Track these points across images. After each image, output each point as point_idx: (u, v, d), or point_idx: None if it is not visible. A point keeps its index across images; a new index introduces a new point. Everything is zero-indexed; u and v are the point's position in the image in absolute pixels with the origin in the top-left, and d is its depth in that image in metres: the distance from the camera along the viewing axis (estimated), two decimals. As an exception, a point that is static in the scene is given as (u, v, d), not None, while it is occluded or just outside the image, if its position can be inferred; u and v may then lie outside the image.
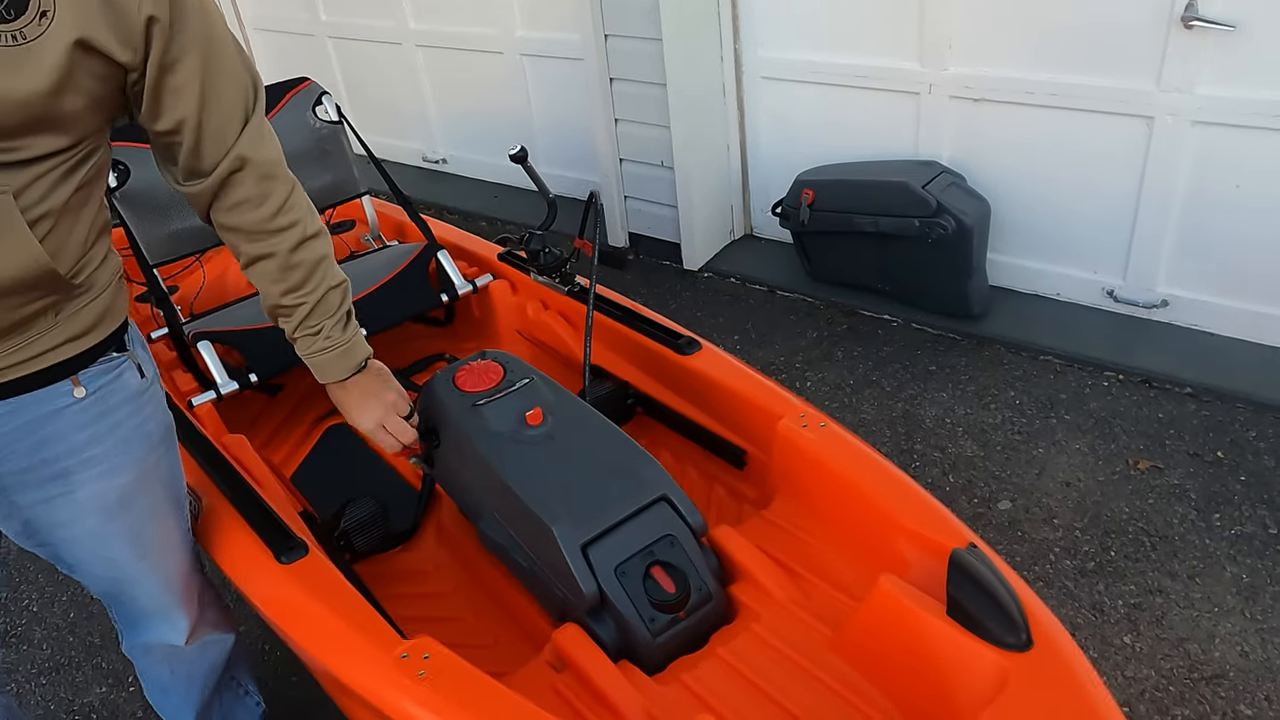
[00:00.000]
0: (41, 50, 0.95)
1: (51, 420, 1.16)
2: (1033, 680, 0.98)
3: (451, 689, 1.08)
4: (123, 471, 1.24)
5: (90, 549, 1.29)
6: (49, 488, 1.20)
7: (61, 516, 1.24)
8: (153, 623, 1.44)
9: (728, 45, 3.12)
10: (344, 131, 2.51)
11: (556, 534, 1.27)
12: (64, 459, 1.19)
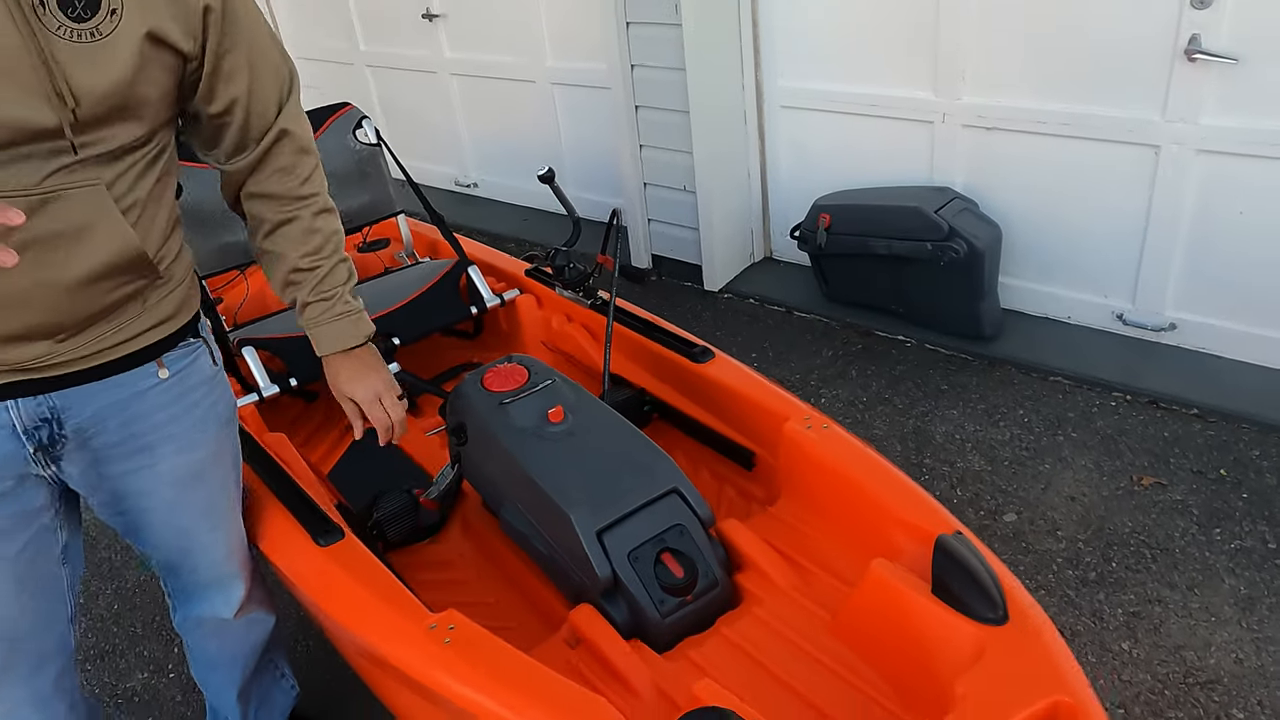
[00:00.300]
0: (116, 44, 1.08)
1: (139, 399, 1.28)
2: (1006, 650, 1.06)
3: (475, 654, 1.18)
4: (198, 448, 1.36)
5: (164, 518, 1.41)
6: (135, 460, 1.32)
7: (143, 487, 1.36)
8: (207, 594, 1.55)
9: (749, 75, 3.25)
10: (382, 154, 2.65)
11: (574, 521, 1.37)
12: (148, 434, 1.31)
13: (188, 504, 1.40)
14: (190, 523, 1.42)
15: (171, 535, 1.44)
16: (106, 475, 1.33)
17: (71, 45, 1.05)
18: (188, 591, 1.58)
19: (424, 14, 4.15)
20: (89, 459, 1.29)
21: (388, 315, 2.29)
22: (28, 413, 1.21)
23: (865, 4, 2.93)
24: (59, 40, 1.04)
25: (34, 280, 1.10)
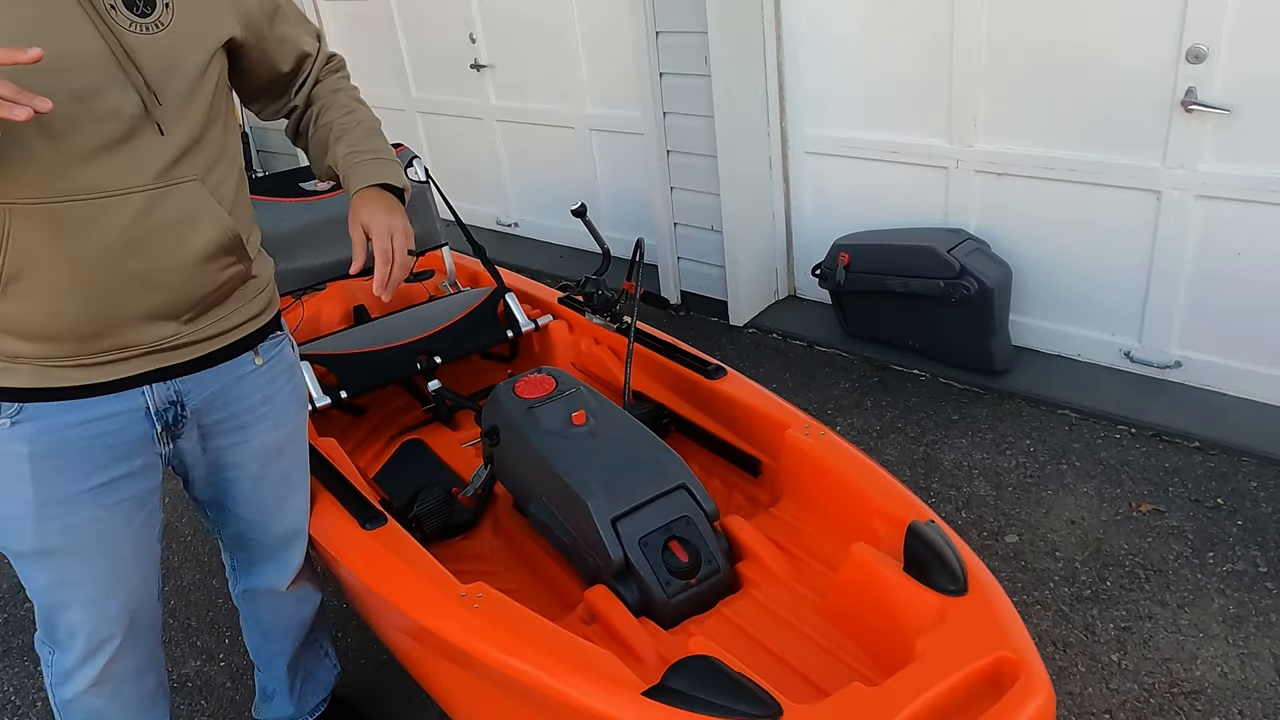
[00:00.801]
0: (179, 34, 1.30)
1: (240, 383, 1.50)
2: (963, 616, 1.19)
3: (501, 618, 1.34)
4: (283, 425, 1.58)
5: (249, 489, 1.61)
6: (233, 436, 1.53)
7: (236, 459, 1.56)
8: (266, 566, 1.73)
9: (774, 123, 3.45)
10: (430, 191, 2.87)
11: (591, 509, 1.53)
12: (245, 414, 1.52)
13: (269, 475, 1.60)
14: (268, 492, 1.62)
15: (251, 504, 1.63)
16: (209, 449, 1.53)
17: (139, 38, 1.26)
18: (251, 562, 1.76)
19: (472, 64, 4.43)
20: (198, 435, 1.50)
21: (430, 337, 2.49)
22: (160, 396, 1.42)
23: (883, 56, 3.12)
24: (130, 35, 1.25)
25: (160, 264, 1.31)
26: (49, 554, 1.42)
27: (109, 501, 1.43)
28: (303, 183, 2.69)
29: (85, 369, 1.35)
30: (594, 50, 3.91)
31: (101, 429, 1.39)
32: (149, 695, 1.67)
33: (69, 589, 1.46)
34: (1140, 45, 2.60)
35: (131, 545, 1.48)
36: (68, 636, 1.52)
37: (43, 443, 1.36)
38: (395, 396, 2.71)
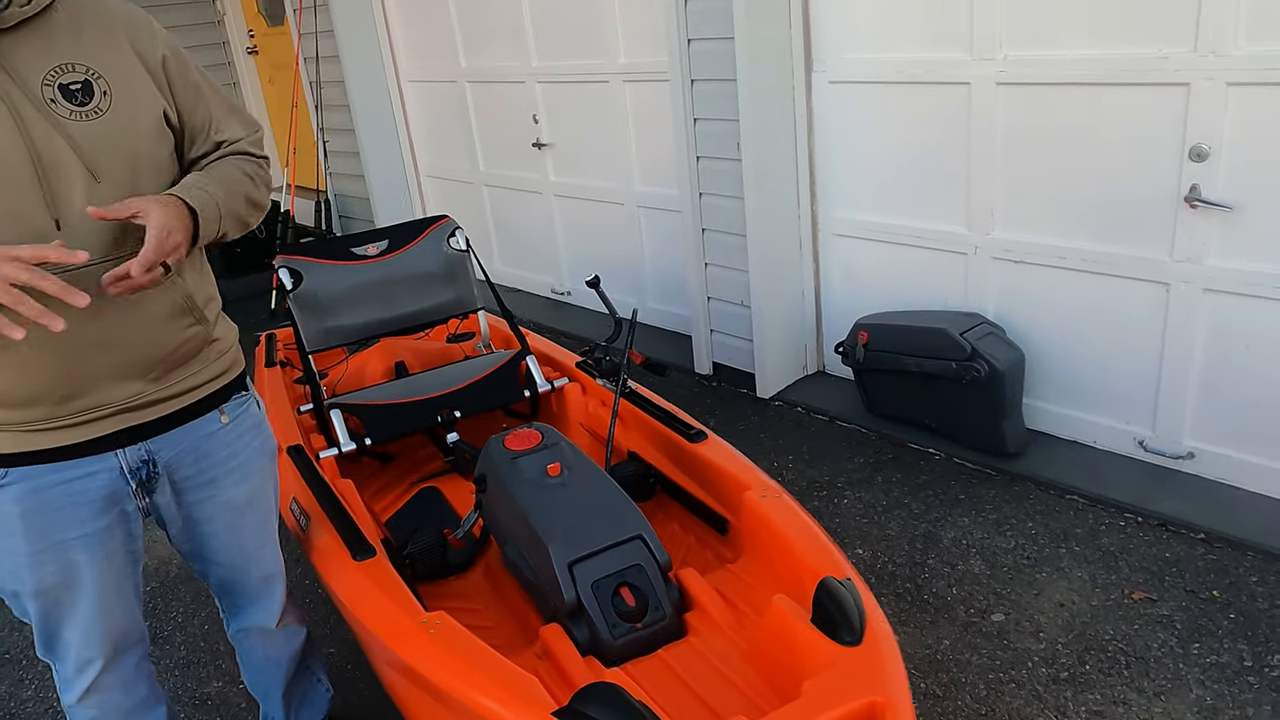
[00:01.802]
0: (117, 118, 1.45)
1: (207, 440, 1.67)
2: (851, 664, 1.29)
3: (451, 642, 1.49)
4: (250, 478, 1.74)
5: (225, 540, 1.77)
6: (204, 491, 1.69)
7: (210, 513, 1.72)
8: (254, 607, 1.90)
9: (805, 205, 3.61)
10: (470, 259, 3.10)
11: (551, 551, 1.68)
12: (213, 469, 1.68)
13: (243, 525, 1.76)
14: (244, 541, 1.78)
15: (230, 554, 1.79)
16: (183, 504, 1.69)
17: (81, 125, 1.41)
18: (238, 606, 1.93)
19: (534, 143, 4.73)
20: (171, 491, 1.67)
21: (453, 393, 2.69)
22: (133, 457, 1.59)
23: (908, 148, 3.27)
24: (72, 123, 1.40)
25: (121, 326, 1.48)
26: (44, 593, 1.60)
27: (93, 546, 1.59)
28: (353, 247, 2.95)
29: (61, 431, 1.52)
30: (643, 133, 4.16)
31: (82, 486, 1.56)
32: (141, 702, 1.83)
33: (61, 619, 1.64)
34: (1146, 143, 2.69)
35: (114, 583, 1.65)
36: (62, 653, 1.70)
37: (30, 501, 1.53)
38: (422, 447, 2.91)
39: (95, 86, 1.47)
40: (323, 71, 5.51)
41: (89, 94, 1.46)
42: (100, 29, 1.52)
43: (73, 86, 1.45)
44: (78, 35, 1.49)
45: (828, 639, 1.35)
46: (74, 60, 1.46)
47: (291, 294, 2.80)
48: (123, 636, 1.71)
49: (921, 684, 2.25)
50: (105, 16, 1.54)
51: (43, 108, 1.41)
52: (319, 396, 2.69)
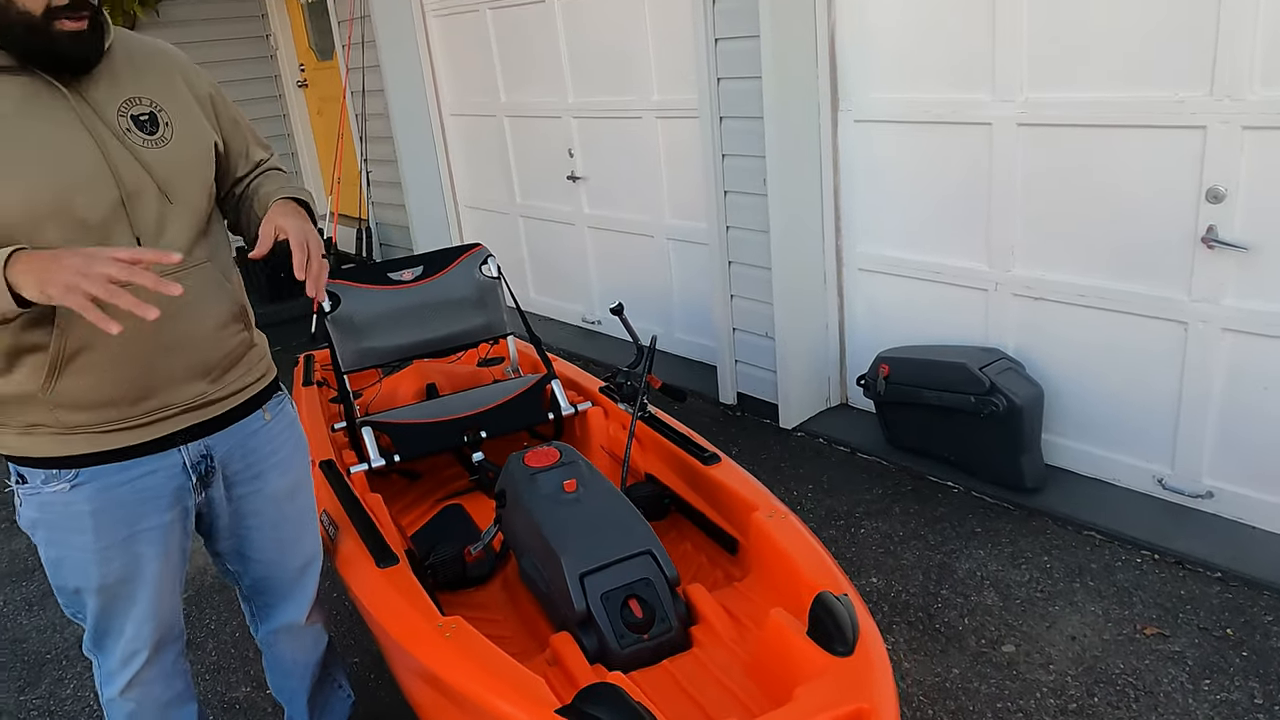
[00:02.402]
0: (181, 146, 1.62)
1: (253, 437, 1.80)
2: (841, 673, 1.34)
3: (464, 645, 1.57)
4: (291, 472, 1.87)
5: (266, 534, 1.89)
6: (252, 484, 1.82)
7: (256, 507, 1.85)
8: (286, 603, 2.00)
9: (830, 240, 3.68)
10: (500, 286, 3.21)
11: (563, 562, 1.75)
12: (259, 464, 1.82)
13: (285, 516, 1.88)
14: (284, 533, 1.90)
15: (269, 548, 1.90)
16: (233, 498, 1.82)
17: (152, 152, 1.58)
18: (270, 605, 2.02)
19: (569, 176, 4.87)
20: (224, 485, 1.80)
21: (481, 414, 2.78)
22: (193, 452, 1.72)
23: (931, 186, 3.33)
24: (143, 150, 1.58)
25: (187, 332, 1.63)
26: (106, 588, 1.71)
27: (157, 540, 1.71)
28: (390, 273, 3.07)
29: (131, 431, 1.64)
30: (673, 168, 4.26)
31: (149, 483, 1.68)
32: (176, 697, 1.93)
33: (117, 613, 1.74)
34: (1164, 184, 2.74)
35: (169, 577, 1.77)
36: (112, 647, 1.80)
37: (101, 499, 1.64)
38: (448, 466, 3.00)
39: (159, 118, 1.62)
40: (368, 104, 5.71)
41: (155, 124, 1.61)
42: (156, 67, 1.68)
43: (141, 117, 1.60)
44: (138, 72, 1.64)
45: (821, 650, 1.40)
46: (139, 94, 1.62)
47: (329, 316, 2.92)
48: (168, 630, 1.82)
49: (929, 711, 2.28)
50: (157, 56, 1.71)
51: (121, 136, 1.56)
52: (352, 414, 2.80)
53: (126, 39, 1.67)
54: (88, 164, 1.53)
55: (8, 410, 1.61)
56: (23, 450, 1.63)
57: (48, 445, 1.62)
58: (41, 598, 3.20)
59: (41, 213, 1.49)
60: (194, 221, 1.67)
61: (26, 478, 1.65)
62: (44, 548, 1.70)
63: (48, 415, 1.60)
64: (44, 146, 1.50)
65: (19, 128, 1.49)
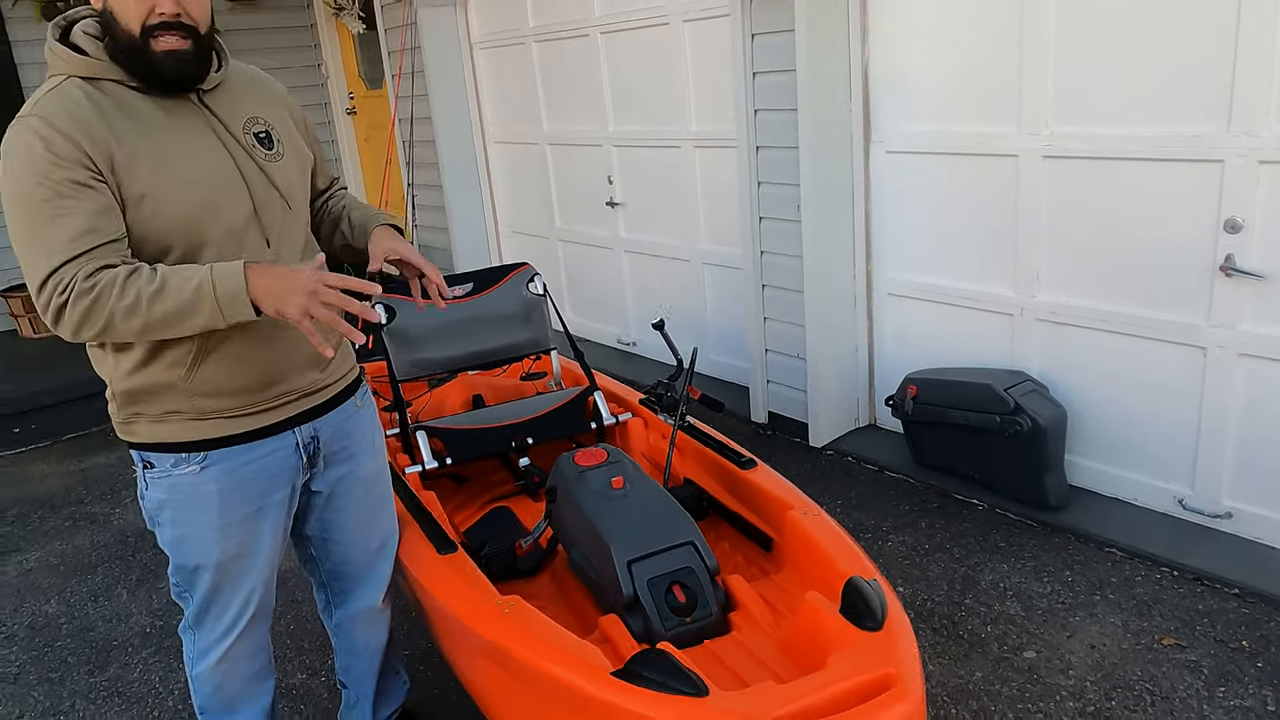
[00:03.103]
0: (289, 161, 1.83)
1: (348, 421, 1.99)
2: (870, 644, 1.47)
3: (523, 619, 1.71)
4: (376, 455, 2.06)
5: (352, 515, 2.05)
6: (345, 465, 2.00)
7: (348, 488, 2.01)
8: (364, 586, 2.15)
9: (860, 266, 3.83)
10: (546, 303, 3.38)
11: (613, 550, 1.89)
12: (353, 446, 2.00)
13: (370, 497, 2.06)
14: (369, 514, 2.07)
15: (352, 529, 2.07)
16: (329, 478, 1.99)
17: (273, 165, 1.80)
18: (347, 590, 2.19)
19: (608, 202, 5.06)
20: (325, 464, 1.97)
21: (528, 422, 2.94)
22: (305, 434, 1.91)
23: (959, 214, 3.47)
24: (267, 164, 1.79)
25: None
26: (223, 564, 1.87)
27: (272, 515, 1.89)
28: (441, 288, 3.24)
29: (257, 415, 1.83)
30: (710, 195, 4.44)
31: (268, 463, 1.86)
32: (259, 670, 2.10)
33: (225, 588, 1.90)
34: (1183, 215, 2.87)
35: (274, 552, 1.94)
36: (212, 623, 1.95)
37: (227, 480, 1.81)
38: (494, 472, 3.16)
39: (272, 135, 1.83)
40: (416, 131, 5.95)
41: (271, 141, 1.82)
42: (261, 91, 1.89)
43: (261, 135, 1.81)
44: (249, 95, 1.84)
45: (852, 626, 1.53)
46: (255, 114, 1.83)
47: (385, 328, 3.10)
48: (264, 603, 1.98)
49: (952, 710, 2.38)
50: (260, 82, 1.92)
51: (250, 150, 1.77)
52: (405, 420, 2.97)
53: (238, 67, 1.87)
54: (226, 173, 1.73)
55: (146, 400, 1.77)
56: (154, 437, 1.80)
57: (180, 431, 1.79)
58: (107, 589, 3.38)
59: (194, 217, 1.68)
60: (305, 226, 1.90)
61: (154, 463, 1.81)
62: (168, 528, 1.86)
63: (185, 402, 1.76)
64: (192, 156, 1.69)
65: (169, 137, 1.68)
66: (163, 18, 1.61)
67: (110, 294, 1.54)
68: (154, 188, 1.64)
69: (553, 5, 5.02)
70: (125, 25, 1.62)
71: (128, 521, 3.91)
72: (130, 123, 1.65)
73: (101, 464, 4.57)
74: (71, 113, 1.61)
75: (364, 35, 6.63)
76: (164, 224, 1.65)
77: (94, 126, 1.61)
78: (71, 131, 1.59)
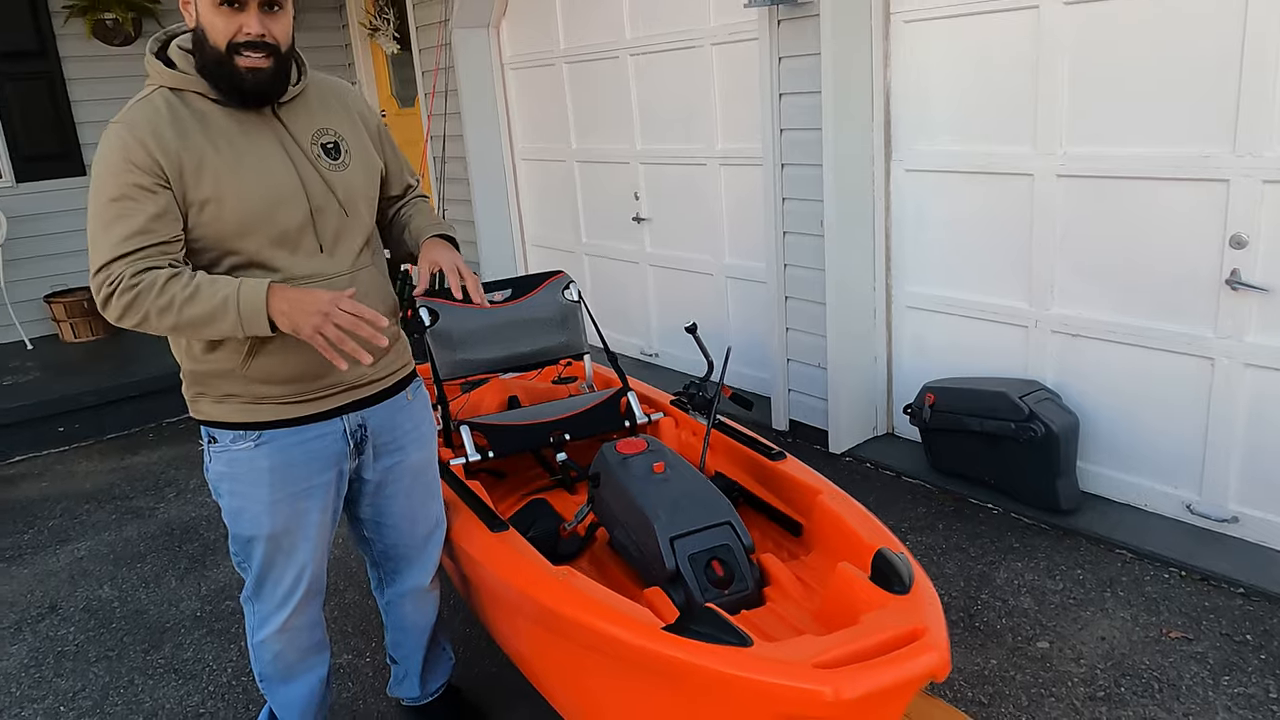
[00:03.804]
0: (356, 170, 1.97)
1: (398, 413, 2.13)
2: (900, 605, 1.61)
3: (581, 586, 1.86)
4: (425, 447, 2.19)
5: (401, 502, 2.20)
6: (394, 456, 2.14)
7: (396, 476, 2.16)
8: (413, 568, 2.30)
9: (880, 279, 3.98)
10: (580, 310, 3.55)
11: (656, 528, 2.04)
12: (403, 438, 2.14)
13: (418, 486, 2.20)
14: (418, 502, 2.22)
15: (402, 515, 2.22)
16: (378, 467, 2.14)
17: (335, 174, 1.94)
18: (399, 570, 2.33)
19: (634, 217, 5.23)
20: (373, 453, 2.12)
21: (565, 419, 3.10)
22: (352, 423, 2.05)
23: (976, 230, 3.63)
24: (329, 172, 1.94)
25: None
26: (274, 537, 2.02)
27: (319, 495, 2.04)
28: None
29: (307, 403, 1.98)
30: (734, 211, 4.61)
31: (315, 447, 2.01)
32: (315, 645, 2.24)
33: (279, 560, 2.05)
34: (1191, 231, 3.02)
35: (324, 531, 2.08)
36: (270, 592, 2.11)
37: (278, 458, 1.98)
38: (530, 468, 3.31)
39: (341, 146, 1.98)
40: (447, 148, 6.15)
41: (338, 151, 1.97)
42: (337, 103, 2.04)
43: (328, 145, 1.96)
44: (326, 108, 2.00)
45: (882, 590, 1.68)
46: (326, 126, 1.97)
47: (430, 329, 3.26)
48: (316, 580, 2.12)
49: (969, 693, 2.51)
50: (338, 94, 2.07)
51: (314, 160, 1.92)
52: (448, 416, 3.13)
53: (317, 79, 2.04)
54: (287, 182, 1.89)
55: (209, 382, 1.96)
56: (217, 416, 1.98)
57: (238, 413, 1.96)
58: (156, 576, 3.54)
59: (251, 220, 1.85)
60: (363, 233, 2.03)
61: (217, 438, 1.99)
62: (227, 499, 2.02)
63: (242, 388, 1.94)
64: (256, 165, 1.86)
65: (239, 148, 1.85)
66: (248, 37, 1.78)
67: (150, 293, 1.74)
68: (216, 194, 1.81)
69: (584, 28, 5.23)
70: (214, 42, 1.79)
71: (172, 516, 4.07)
72: (204, 133, 1.83)
73: (143, 462, 4.74)
74: (151, 121, 1.80)
75: (398, 55, 6.86)
76: (224, 227, 1.83)
77: (168, 136, 1.79)
78: (146, 139, 1.78)
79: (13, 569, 3.71)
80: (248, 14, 1.76)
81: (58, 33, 6.08)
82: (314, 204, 1.91)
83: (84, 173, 6.22)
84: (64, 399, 5.13)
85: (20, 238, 6.01)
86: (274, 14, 1.80)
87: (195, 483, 4.39)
